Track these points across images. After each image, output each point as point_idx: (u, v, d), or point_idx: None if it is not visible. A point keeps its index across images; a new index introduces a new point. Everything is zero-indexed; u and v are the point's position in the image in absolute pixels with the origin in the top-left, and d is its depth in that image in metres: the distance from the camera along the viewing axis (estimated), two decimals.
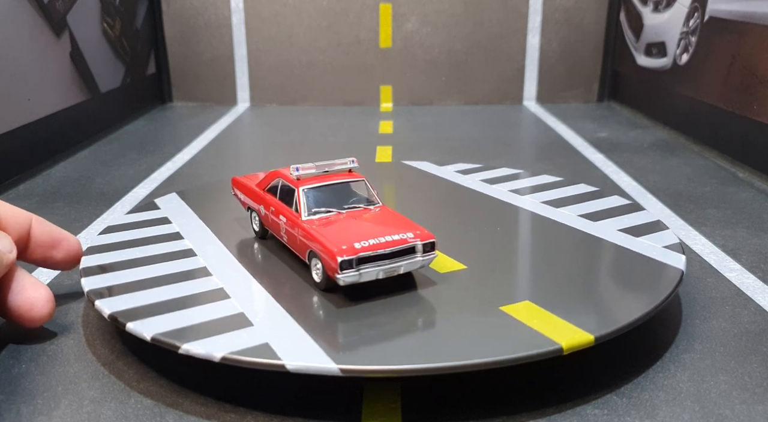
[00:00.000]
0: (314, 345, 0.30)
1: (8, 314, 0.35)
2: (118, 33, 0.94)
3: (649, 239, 0.42)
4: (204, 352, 0.29)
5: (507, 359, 0.29)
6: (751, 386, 0.31)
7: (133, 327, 0.31)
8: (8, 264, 0.34)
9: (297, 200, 0.38)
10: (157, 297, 0.34)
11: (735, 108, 0.71)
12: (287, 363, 0.28)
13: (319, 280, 0.35)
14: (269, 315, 0.33)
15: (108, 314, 0.32)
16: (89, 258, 0.39)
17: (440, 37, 1.07)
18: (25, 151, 0.68)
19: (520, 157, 0.74)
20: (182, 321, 0.32)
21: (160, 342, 0.30)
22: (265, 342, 0.30)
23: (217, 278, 0.37)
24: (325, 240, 0.34)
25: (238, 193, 0.45)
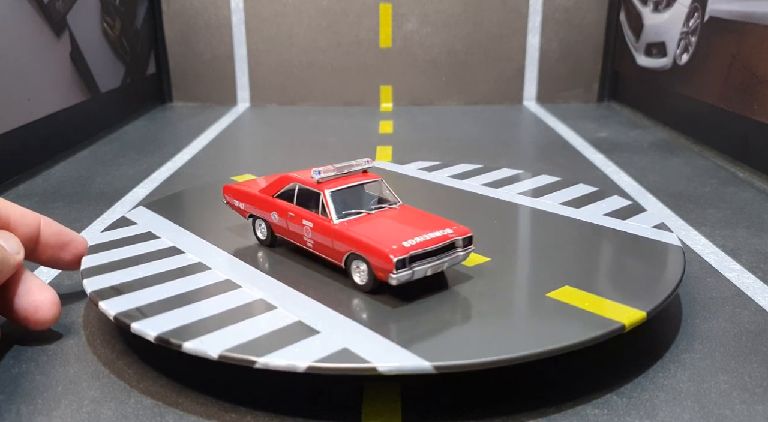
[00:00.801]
0: (394, 346, 0.29)
1: (14, 316, 0.35)
2: (118, 33, 0.94)
3: (639, 221, 0.45)
4: (286, 364, 0.28)
5: (578, 342, 0.30)
6: (751, 386, 0.31)
7: (193, 346, 0.29)
8: (15, 265, 0.34)
9: (324, 204, 0.37)
10: (195, 314, 0.32)
11: (735, 108, 0.71)
12: (379, 366, 0.28)
13: (364, 282, 0.35)
14: (329, 320, 0.32)
15: (187, 349, 0.30)
16: (95, 281, 0.36)
17: (440, 37, 1.07)
18: (25, 151, 0.68)
19: (520, 157, 0.74)
20: (240, 336, 0.30)
21: (232, 360, 0.28)
22: (343, 347, 0.29)
23: (249, 290, 0.35)
24: (373, 242, 0.34)
25: (235, 202, 0.43)
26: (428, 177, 0.57)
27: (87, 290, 0.35)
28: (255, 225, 0.42)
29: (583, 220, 0.46)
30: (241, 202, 0.42)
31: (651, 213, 0.47)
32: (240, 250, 0.41)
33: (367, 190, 0.40)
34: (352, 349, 0.29)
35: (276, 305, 0.33)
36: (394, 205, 0.39)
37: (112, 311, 0.32)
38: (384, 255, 0.33)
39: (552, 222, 0.46)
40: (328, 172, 0.38)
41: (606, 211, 0.47)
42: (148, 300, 0.34)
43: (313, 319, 0.32)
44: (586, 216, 0.47)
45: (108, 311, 0.33)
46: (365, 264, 0.34)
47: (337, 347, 0.29)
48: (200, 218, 0.47)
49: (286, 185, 0.40)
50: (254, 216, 0.42)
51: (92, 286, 0.35)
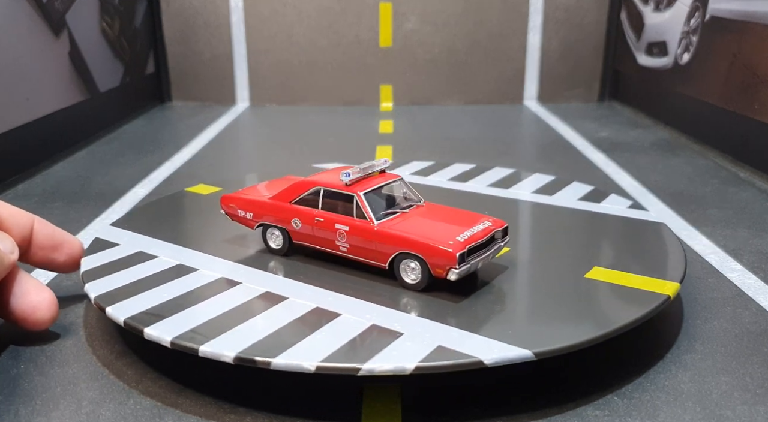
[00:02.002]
0: (485, 339, 0.30)
1: (11, 317, 0.34)
2: (117, 32, 0.94)
3: (620, 204, 0.49)
4: (393, 367, 0.28)
5: (642, 316, 0.32)
6: (753, 387, 0.31)
7: (285, 361, 0.28)
8: (9, 265, 0.34)
9: (360, 206, 0.36)
10: (257, 333, 0.31)
11: (736, 107, 0.71)
12: (485, 360, 0.28)
13: (417, 280, 0.35)
14: (403, 321, 0.32)
15: (233, 356, 0.29)
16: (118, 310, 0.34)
17: (440, 36, 1.07)
18: (23, 151, 0.68)
19: (521, 157, 0.74)
20: (327, 346, 0.29)
21: (335, 370, 0.28)
22: (437, 345, 0.29)
23: (301, 300, 0.34)
24: (429, 239, 0.34)
25: (239, 212, 0.41)
26: (421, 180, 0.57)
27: (90, 295, 0.34)
28: (267, 234, 0.40)
29: (580, 209, 0.48)
30: (247, 212, 0.40)
31: (621, 201, 0.49)
32: (255, 261, 0.39)
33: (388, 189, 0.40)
34: (447, 346, 0.29)
35: (339, 312, 0.33)
36: (419, 202, 0.39)
37: (122, 317, 0.32)
38: (444, 252, 0.33)
39: (549, 214, 0.48)
40: (355, 174, 0.38)
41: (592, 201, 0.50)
42: (195, 322, 0.32)
43: (387, 322, 0.32)
44: (583, 206, 0.49)
45: (120, 319, 0.32)
46: (418, 262, 0.34)
47: (431, 346, 0.29)
48: (188, 230, 0.45)
49: (308, 190, 0.38)
50: (266, 225, 0.40)
51: (95, 292, 0.35)
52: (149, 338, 0.31)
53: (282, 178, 0.45)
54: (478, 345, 0.29)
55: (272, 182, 0.44)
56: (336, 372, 0.28)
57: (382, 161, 0.40)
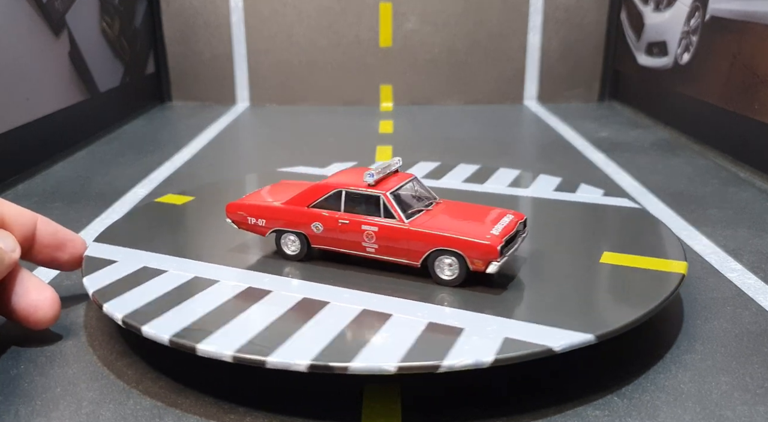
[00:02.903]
0: (544, 327, 0.31)
1: (13, 316, 0.34)
2: (117, 32, 0.94)
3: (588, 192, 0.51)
4: (473, 361, 0.28)
5: (670, 293, 0.34)
6: (753, 387, 0.31)
7: (366, 366, 0.28)
8: (10, 263, 0.34)
9: (389, 206, 0.36)
10: (317, 340, 0.30)
11: (736, 107, 0.71)
12: (554, 347, 0.29)
13: (454, 276, 0.35)
14: (457, 317, 0.32)
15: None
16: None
17: (440, 36, 1.07)
18: (23, 151, 0.68)
19: (521, 157, 0.74)
20: (397, 346, 0.29)
21: (413, 369, 0.28)
22: (504, 337, 0.30)
23: (345, 304, 0.34)
24: (467, 235, 0.35)
25: (250, 219, 0.40)
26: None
27: (116, 316, 0.32)
28: (281, 240, 0.39)
29: (562, 200, 0.50)
30: (259, 219, 0.39)
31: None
32: (278, 268, 0.38)
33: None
34: (514, 337, 0.30)
35: (389, 313, 0.33)
36: (437, 200, 0.40)
37: (162, 334, 0.31)
38: (486, 246, 0.34)
39: (535, 206, 0.49)
40: (378, 174, 0.38)
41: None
42: (251, 332, 0.31)
43: (442, 318, 0.32)
44: (560, 197, 0.51)
45: (158, 335, 0.31)
46: (455, 258, 0.35)
47: (498, 338, 0.30)
48: (183, 241, 0.43)
49: (327, 193, 0.38)
50: (280, 230, 0.39)
51: (121, 311, 0.33)
52: (152, 338, 0.31)
53: (278, 184, 0.44)
54: (540, 333, 0.30)
55: (274, 187, 0.43)
56: (417, 371, 0.28)
57: (396, 160, 0.40)
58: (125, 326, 0.32)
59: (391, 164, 0.39)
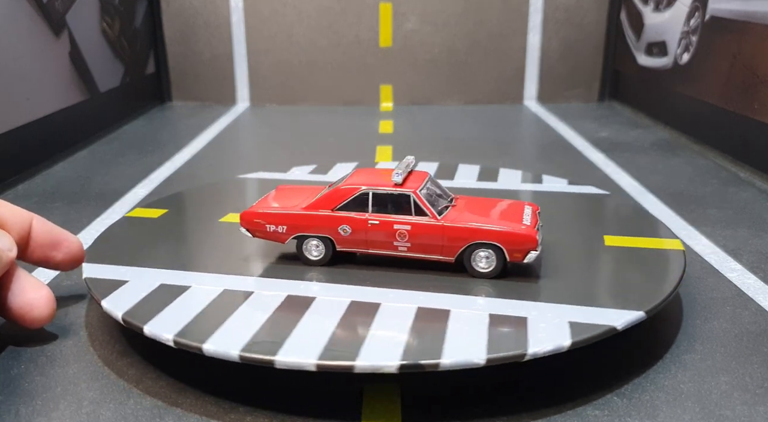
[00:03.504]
0: (597, 309, 0.32)
1: (9, 315, 0.34)
2: (118, 32, 0.94)
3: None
4: (554, 347, 0.29)
5: (684, 267, 0.37)
6: (752, 387, 0.31)
7: (455, 361, 0.28)
8: (8, 262, 0.34)
9: (420, 204, 0.37)
10: (389, 343, 0.30)
11: (736, 107, 0.71)
12: (616, 325, 0.31)
13: (491, 268, 0.36)
14: (516, 306, 0.33)
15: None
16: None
17: (440, 36, 1.07)
18: (24, 151, 0.68)
19: (521, 157, 0.74)
20: (474, 341, 0.30)
21: (500, 360, 0.28)
22: (568, 321, 0.31)
23: (400, 304, 0.33)
24: (506, 227, 0.36)
25: (269, 227, 0.39)
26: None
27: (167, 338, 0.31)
28: (304, 246, 0.39)
29: (535, 190, 0.53)
30: (279, 225, 0.39)
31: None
32: (304, 273, 0.37)
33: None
34: (577, 321, 0.31)
35: (448, 308, 0.33)
36: (452, 196, 0.40)
37: (169, 336, 0.30)
38: (525, 236, 0.36)
39: (518, 198, 0.51)
40: (403, 173, 0.38)
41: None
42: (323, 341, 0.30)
43: (501, 309, 0.33)
44: (531, 188, 0.54)
45: (164, 337, 0.30)
46: (493, 250, 0.36)
47: (564, 324, 0.31)
48: (186, 254, 0.40)
49: (352, 195, 0.38)
50: (303, 236, 0.38)
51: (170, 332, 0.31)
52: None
53: (279, 190, 0.42)
54: (596, 315, 0.32)
55: (278, 194, 0.41)
56: (505, 361, 0.28)
57: (412, 159, 0.40)
58: (181, 347, 0.30)
59: (410, 163, 0.40)
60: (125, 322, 0.32)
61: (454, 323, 0.31)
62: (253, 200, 0.50)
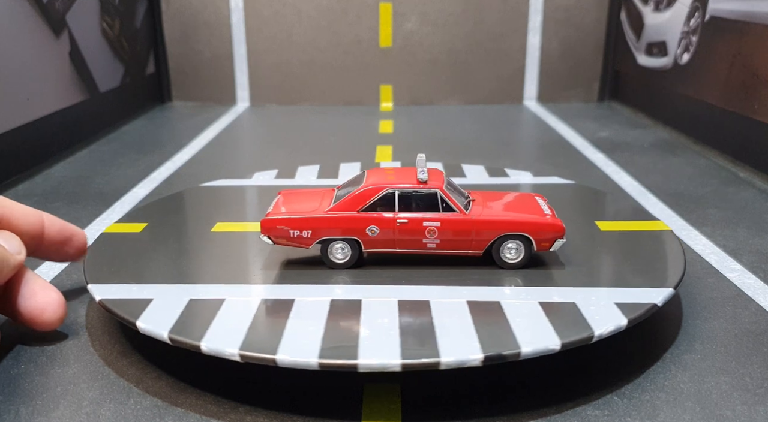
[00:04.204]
0: (630, 289, 0.34)
1: (19, 318, 0.34)
2: (118, 32, 0.94)
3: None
4: (614, 327, 0.31)
5: (680, 243, 0.40)
6: (752, 387, 0.31)
7: (533, 349, 0.29)
8: (16, 265, 0.34)
9: (448, 200, 0.37)
10: (455, 335, 0.30)
11: (736, 108, 0.71)
12: (657, 302, 0.33)
13: (520, 258, 0.37)
14: (557, 293, 0.34)
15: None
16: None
17: (440, 36, 1.07)
18: (24, 151, 0.68)
19: (521, 157, 0.74)
20: (534, 327, 0.30)
21: (572, 343, 0.29)
22: (614, 302, 0.33)
23: (449, 299, 0.34)
24: (534, 218, 0.37)
25: (293, 233, 0.38)
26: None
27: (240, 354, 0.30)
28: (329, 250, 0.38)
29: (505, 184, 0.55)
30: (303, 230, 0.38)
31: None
32: (333, 278, 0.37)
33: None
34: (622, 301, 0.33)
35: (496, 300, 0.34)
36: (466, 191, 0.41)
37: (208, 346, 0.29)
38: (553, 225, 0.37)
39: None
40: (425, 172, 0.38)
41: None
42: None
43: (547, 297, 0.34)
44: (500, 181, 0.56)
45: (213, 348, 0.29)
46: (521, 241, 0.37)
47: (611, 304, 0.33)
48: (193, 268, 0.38)
49: (377, 194, 0.37)
50: (328, 240, 0.38)
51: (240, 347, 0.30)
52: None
53: (286, 195, 0.41)
54: (634, 295, 0.33)
55: (287, 199, 0.40)
56: (577, 345, 0.30)
57: (424, 156, 0.40)
58: (249, 360, 0.29)
59: (424, 160, 0.40)
60: (174, 341, 0.30)
61: (511, 314, 0.32)
62: (227, 208, 0.48)
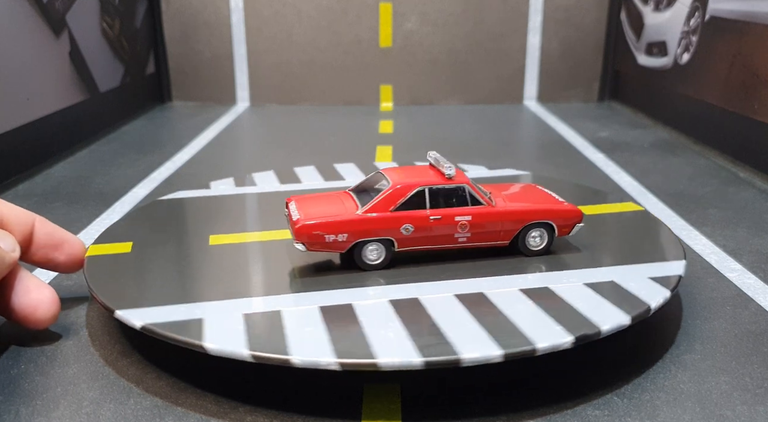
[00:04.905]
0: (652, 265, 0.37)
1: (13, 316, 0.34)
2: (118, 32, 0.94)
3: None
4: (663, 299, 0.33)
5: (661, 224, 0.44)
6: (752, 387, 0.31)
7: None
8: (10, 263, 0.34)
9: (475, 194, 0.39)
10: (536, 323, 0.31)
11: (736, 108, 0.71)
12: (681, 274, 0.36)
13: (543, 245, 0.39)
14: (590, 275, 0.36)
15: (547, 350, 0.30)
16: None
17: (440, 36, 1.07)
18: (24, 151, 0.68)
19: (521, 157, 0.74)
20: (607, 311, 0.32)
21: (619, 328, 0.31)
22: (647, 276, 0.36)
23: (502, 289, 0.35)
24: (556, 207, 0.40)
25: (329, 237, 0.37)
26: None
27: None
28: (363, 252, 0.37)
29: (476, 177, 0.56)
30: (339, 234, 0.37)
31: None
32: (378, 278, 0.37)
33: None
34: (654, 276, 0.35)
35: (545, 286, 0.35)
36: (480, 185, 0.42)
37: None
38: (574, 212, 0.40)
39: None
40: (453, 167, 0.39)
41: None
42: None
43: (588, 278, 0.36)
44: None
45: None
46: (545, 229, 0.39)
47: (646, 280, 0.35)
48: (196, 287, 0.36)
49: (409, 193, 0.38)
50: (362, 242, 0.37)
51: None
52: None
53: (300, 201, 0.40)
54: (658, 269, 0.36)
55: (304, 204, 0.39)
56: (639, 319, 0.31)
57: (436, 153, 0.41)
58: (349, 368, 0.28)
59: (440, 157, 0.40)
60: (257, 358, 0.29)
61: (567, 296, 0.34)
62: (210, 220, 0.45)
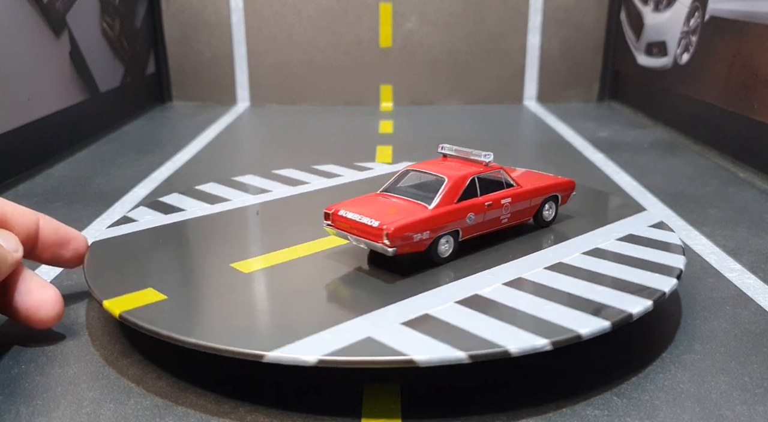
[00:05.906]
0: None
1: (16, 315, 0.34)
2: (118, 32, 0.94)
3: None
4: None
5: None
6: (752, 387, 0.31)
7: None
8: (13, 263, 0.34)
9: (508, 178, 0.42)
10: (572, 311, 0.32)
11: (736, 108, 0.71)
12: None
13: (552, 215, 0.44)
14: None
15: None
16: None
17: (440, 36, 1.07)
18: (24, 151, 0.68)
19: (521, 157, 0.74)
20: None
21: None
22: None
23: (537, 280, 0.36)
24: (560, 180, 0.44)
25: (416, 236, 0.37)
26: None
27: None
28: (438, 246, 0.38)
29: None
30: (423, 232, 0.37)
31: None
32: (443, 273, 0.37)
33: None
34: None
35: (581, 266, 0.37)
36: None
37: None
38: (571, 183, 0.45)
39: None
40: (490, 155, 0.42)
41: None
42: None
43: (611, 248, 0.40)
44: None
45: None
46: (554, 201, 0.44)
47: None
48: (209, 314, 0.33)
49: (465, 184, 0.39)
50: (438, 237, 0.38)
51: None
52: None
53: (343, 207, 0.39)
54: (660, 235, 0.41)
55: (362, 209, 0.38)
56: (664, 298, 0.34)
57: (440, 147, 0.44)
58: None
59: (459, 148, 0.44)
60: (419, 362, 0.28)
61: (614, 270, 0.37)
62: (207, 247, 0.41)
